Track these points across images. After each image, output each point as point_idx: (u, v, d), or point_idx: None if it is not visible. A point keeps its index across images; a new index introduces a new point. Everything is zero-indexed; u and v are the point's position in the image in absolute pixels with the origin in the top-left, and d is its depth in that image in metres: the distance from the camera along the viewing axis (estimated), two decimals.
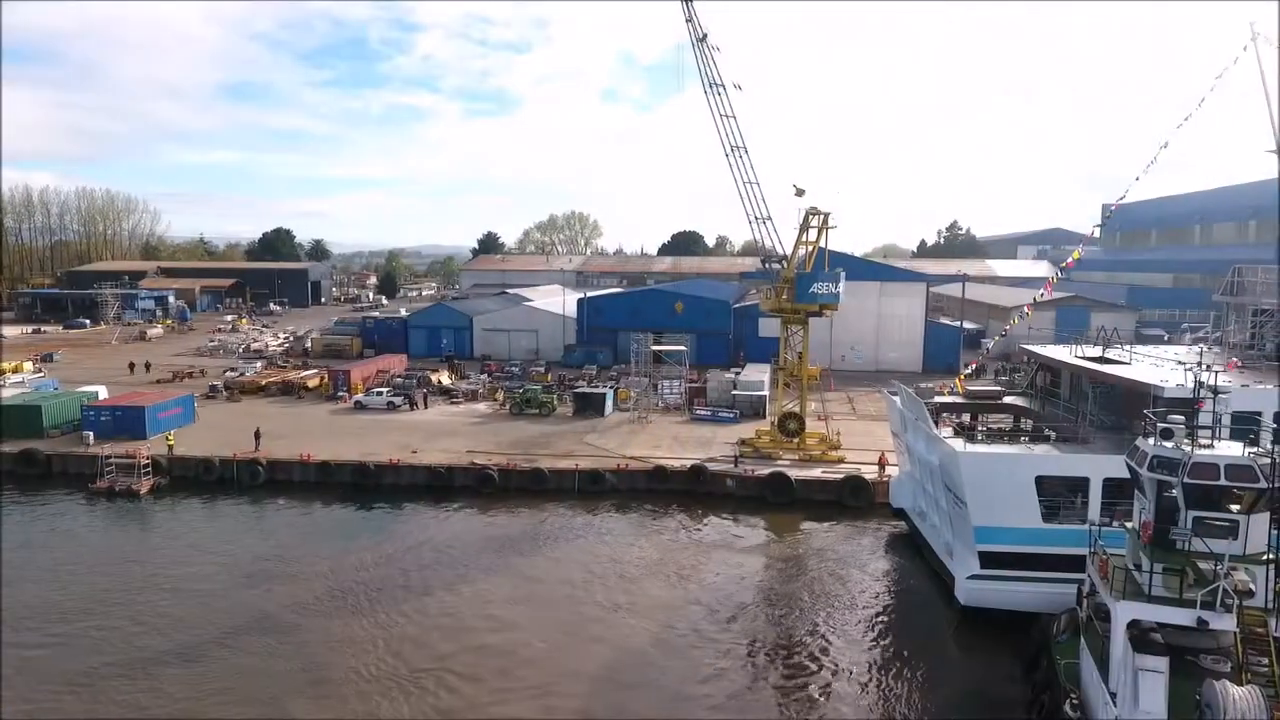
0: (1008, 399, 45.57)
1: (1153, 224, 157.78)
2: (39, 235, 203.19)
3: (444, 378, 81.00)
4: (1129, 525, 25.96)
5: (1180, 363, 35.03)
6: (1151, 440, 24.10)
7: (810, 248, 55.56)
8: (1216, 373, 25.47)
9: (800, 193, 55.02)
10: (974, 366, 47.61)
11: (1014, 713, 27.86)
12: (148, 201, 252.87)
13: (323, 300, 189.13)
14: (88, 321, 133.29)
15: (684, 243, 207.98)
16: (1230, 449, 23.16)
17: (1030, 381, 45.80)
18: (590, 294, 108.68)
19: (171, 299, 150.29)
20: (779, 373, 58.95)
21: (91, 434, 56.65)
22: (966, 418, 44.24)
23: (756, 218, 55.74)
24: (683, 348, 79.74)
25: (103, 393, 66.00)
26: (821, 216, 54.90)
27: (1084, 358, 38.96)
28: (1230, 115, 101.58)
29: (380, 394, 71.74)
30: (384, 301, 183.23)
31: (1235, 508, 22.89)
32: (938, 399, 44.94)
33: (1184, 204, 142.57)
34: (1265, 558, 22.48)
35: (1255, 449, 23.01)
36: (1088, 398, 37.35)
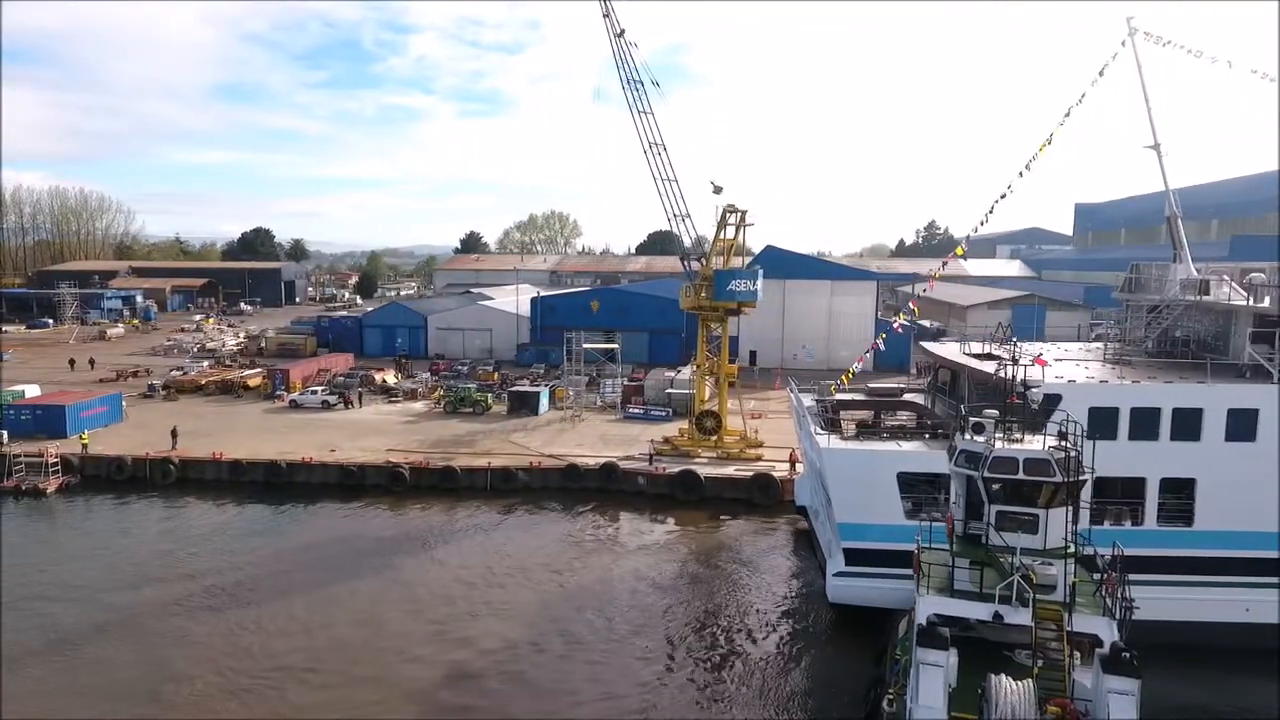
0: (908, 396, 45.49)
1: (1122, 224, 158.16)
2: (11, 235, 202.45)
3: (388, 376, 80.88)
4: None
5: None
6: (967, 435, 24.01)
7: (728, 244, 55.48)
8: (1026, 367, 25.39)
9: (718, 190, 54.96)
10: (860, 364, 47.59)
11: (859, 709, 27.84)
12: (122, 201, 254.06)
13: (297, 300, 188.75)
14: (51, 321, 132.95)
15: (660, 242, 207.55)
16: (1032, 444, 23.03)
17: (932, 379, 45.69)
18: (544, 293, 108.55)
19: (139, 299, 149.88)
20: (696, 370, 58.80)
21: (4, 433, 56.37)
22: (871, 415, 44.22)
23: (675, 215, 55.69)
24: (615, 345, 79.67)
25: (31, 391, 65.73)
26: (739, 214, 54.89)
27: (969, 354, 38.82)
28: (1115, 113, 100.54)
29: (315, 393, 71.55)
30: (358, 301, 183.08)
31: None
32: (838, 396, 44.89)
33: (1151, 203, 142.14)
34: (1065, 552, 22.35)
35: (1056, 443, 22.84)
36: (967, 394, 37.23)
